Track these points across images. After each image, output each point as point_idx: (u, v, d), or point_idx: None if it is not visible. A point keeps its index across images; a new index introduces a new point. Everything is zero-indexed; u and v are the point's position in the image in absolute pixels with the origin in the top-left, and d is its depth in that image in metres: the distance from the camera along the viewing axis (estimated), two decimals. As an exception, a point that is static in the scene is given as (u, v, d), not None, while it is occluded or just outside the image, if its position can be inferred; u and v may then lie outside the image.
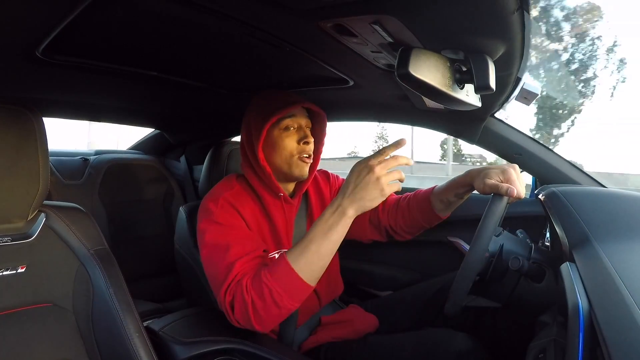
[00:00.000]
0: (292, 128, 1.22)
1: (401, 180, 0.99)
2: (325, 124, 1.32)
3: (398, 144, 1.00)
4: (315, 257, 0.98)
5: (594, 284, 0.69)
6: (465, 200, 1.30)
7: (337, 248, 1.01)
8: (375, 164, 0.96)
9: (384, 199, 0.97)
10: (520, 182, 1.08)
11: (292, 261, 0.98)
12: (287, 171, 1.23)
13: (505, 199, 1.01)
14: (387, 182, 0.96)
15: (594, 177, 1.47)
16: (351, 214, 0.98)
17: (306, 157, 1.22)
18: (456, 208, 1.31)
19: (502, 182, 1.07)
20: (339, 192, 1.01)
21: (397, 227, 1.38)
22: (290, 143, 1.21)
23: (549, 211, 1.04)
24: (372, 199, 0.96)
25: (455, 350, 1.07)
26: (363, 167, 0.97)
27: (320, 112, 1.28)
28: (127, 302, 0.99)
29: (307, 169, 1.24)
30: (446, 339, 1.12)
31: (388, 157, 0.98)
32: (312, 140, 1.24)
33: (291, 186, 1.32)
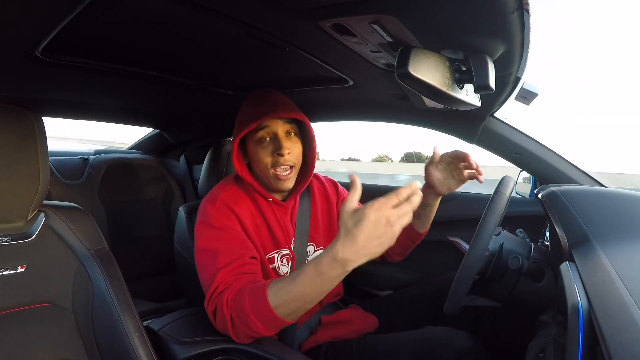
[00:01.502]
0: (266, 139, 1.19)
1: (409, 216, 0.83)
2: (310, 129, 1.27)
3: (412, 188, 0.82)
4: (297, 301, 0.90)
5: (594, 283, 0.69)
6: (465, 199, 1.31)
7: (323, 297, 0.91)
8: (394, 215, 0.79)
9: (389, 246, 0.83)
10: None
11: (271, 297, 0.90)
12: (268, 183, 1.22)
13: (506, 197, 1.01)
14: (396, 230, 0.80)
15: (593, 177, 1.47)
16: (351, 267, 0.83)
17: (283, 173, 1.19)
18: (456, 208, 1.31)
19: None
20: (343, 241, 0.82)
21: (385, 254, 1.39)
22: (264, 155, 1.19)
23: (549, 211, 1.05)
24: (381, 248, 0.81)
25: (455, 349, 1.07)
26: (380, 216, 0.79)
27: (300, 117, 1.22)
28: (126, 301, 0.99)
29: (287, 183, 1.22)
30: (446, 338, 1.12)
31: (408, 203, 0.82)
32: (287, 151, 1.17)
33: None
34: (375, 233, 0.79)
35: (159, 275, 2.25)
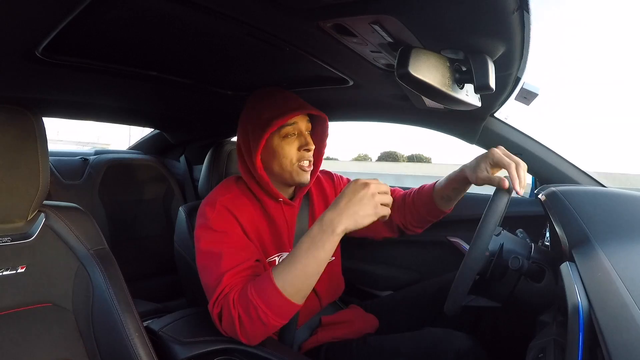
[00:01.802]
0: (292, 135, 1.19)
1: (389, 206, 0.98)
2: (327, 127, 1.30)
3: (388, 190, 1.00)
4: (300, 276, 0.95)
5: (594, 283, 0.69)
6: (465, 199, 1.30)
7: (324, 267, 0.97)
8: (374, 188, 0.95)
9: (375, 219, 0.96)
10: (509, 155, 1.04)
11: (277, 280, 0.95)
12: (287, 178, 1.21)
13: (507, 196, 1.00)
14: (380, 203, 0.96)
15: (593, 177, 1.47)
16: (340, 230, 0.94)
17: (306, 164, 1.20)
18: (456, 208, 1.31)
19: (493, 173, 1.05)
20: (329, 208, 0.97)
21: (406, 223, 1.35)
22: (290, 151, 1.18)
23: (549, 211, 1.05)
24: (364, 215, 0.94)
25: (455, 350, 1.07)
26: (359, 184, 0.96)
27: (322, 115, 1.25)
28: (126, 302, 0.99)
29: (308, 176, 1.22)
30: (446, 338, 1.12)
31: (388, 194, 0.98)
32: (313, 147, 1.21)
33: (291, 189, 1.30)
34: (355, 196, 0.94)
35: (159, 276, 2.25)
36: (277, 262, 1.23)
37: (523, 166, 1.00)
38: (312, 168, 1.23)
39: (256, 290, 0.96)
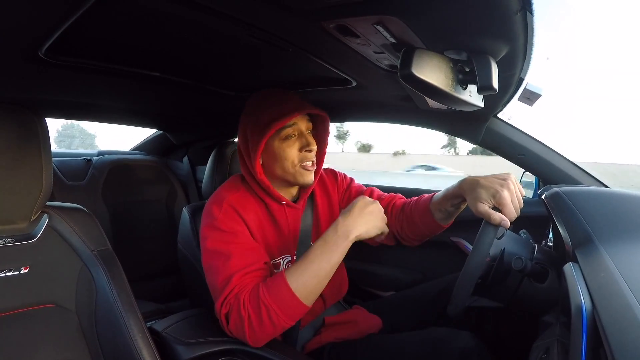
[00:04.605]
0: (293, 136, 1.18)
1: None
2: (328, 126, 1.29)
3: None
4: (313, 278, 1.00)
5: (597, 284, 0.69)
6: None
7: (335, 270, 1.03)
8: (377, 202, 1.09)
9: (380, 232, 1.08)
10: (516, 199, 0.98)
11: (290, 281, 0.98)
12: (291, 180, 1.20)
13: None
14: (384, 219, 1.09)
15: (597, 178, 1.47)
16: (354, 236, 1.02)
17: (309, 164, 1.19)
18: None
19: (494, 206, 0.97)
20: (342, 215, 1.06)
21: (403, 234, 1.32)
22: (291, 152, 1.17)
23: (552, 211, 1.04)
24: (374, 227, 1.05)
25: (458, 349, 1.07)
26: (369, 199, 1.08)
27: (322, 114, 1.24)
28: (130, 302, 0.99)
29: (312, 176, 1.22)
30: (449, 338, 1.12)
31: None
32: (315, 147, 1.20)
33: (295, 190, 1.30)
34: (368, 208, 1.06)
35: (163, 276, 2.26)
36: (281, 264, 1.23)
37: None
38: (315, 167, 1.23)
39: (268, 291, 0.98)
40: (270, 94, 1.21)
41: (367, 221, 1.04)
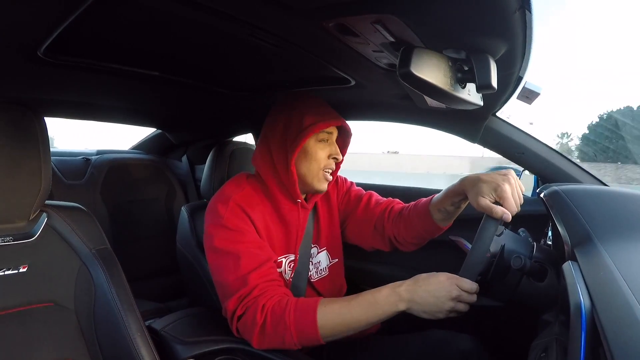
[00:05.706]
0: (325, 142, 1.21)
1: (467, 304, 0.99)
2: (350, 140, 1.31)
3: (474, 289, 0.99)
4: (344, 326, 1.00)
5: (596, 283, 0.69)
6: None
7: (365, 327, 1.02)
8: (455, 291, 0.96)
9: (435, 319, 0.99)
10: (517, 194, 1.01)
11: (320, 316, 0.98)
12: (309, 182, 1.21)
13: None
14: (452, 309, 0.97)
15: (596, 176, 1.47)
16: (402, 308, 0.99)
17: (329, 172, 1.22)
18: None
19: (496, 200, 0.99)
20: (407, 282, 1.02)
21: (400, 238, 1.33)
22: (322, 155, 1.20)
23: (551, 210, 1.04)
24: (430, 312, 0.98)
25: (457, 351, 1.07)
26: (450, 283, 0.97)
27: (349, 129, 1.29)
28: (129, 301, 0.99)
29: (326, 185, 1.23)
30: (448, 339, 1.12)
31: (473, 295, 0.98)
32: (340, 158, 1.24)
33: (304, 193, 1.30)
34: (434, 292, 0.97)
35: (161, 275, 2.26)
36: (283, 264, 1.23)
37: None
38: (331, 178, 1.24)
39: (295, 313, 0.99)
40: (307, 97, 1.24)
41: (426, 303, 0.98)
